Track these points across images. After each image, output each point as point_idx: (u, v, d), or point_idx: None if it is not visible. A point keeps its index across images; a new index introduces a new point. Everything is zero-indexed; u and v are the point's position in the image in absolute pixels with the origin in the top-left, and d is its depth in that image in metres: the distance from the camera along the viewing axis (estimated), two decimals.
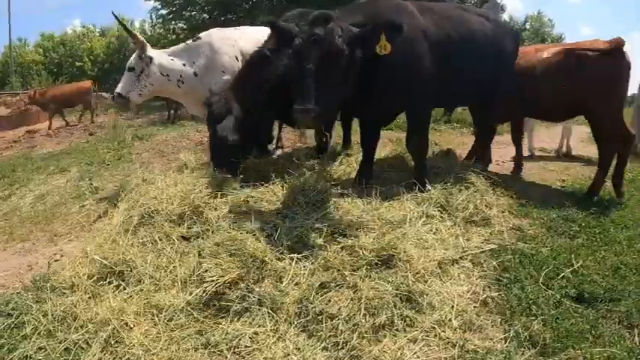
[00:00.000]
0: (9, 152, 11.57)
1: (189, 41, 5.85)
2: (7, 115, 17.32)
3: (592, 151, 6.42)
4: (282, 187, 4.25)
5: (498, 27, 5.37)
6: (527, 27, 42.84)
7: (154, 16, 22.12)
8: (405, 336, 2.78)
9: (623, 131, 5.09)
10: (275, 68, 4.69)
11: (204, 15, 20.73)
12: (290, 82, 3.84)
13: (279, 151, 6.64)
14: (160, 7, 21.06)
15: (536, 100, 5.37)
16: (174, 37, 20.87)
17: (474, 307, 3.08)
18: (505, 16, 32.38)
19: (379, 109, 4.54)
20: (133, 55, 5.51)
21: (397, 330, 2.82)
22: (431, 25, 4.50)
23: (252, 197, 4.12)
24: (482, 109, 5.61)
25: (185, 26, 21.45)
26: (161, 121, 13.52)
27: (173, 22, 21.89)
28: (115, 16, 6.03)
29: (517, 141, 6.15)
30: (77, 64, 42.86)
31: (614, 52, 4.94)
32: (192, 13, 20.94)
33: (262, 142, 5.45)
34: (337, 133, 6.48)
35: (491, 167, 5.93)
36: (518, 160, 6.14)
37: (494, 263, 3.51)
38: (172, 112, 13.67)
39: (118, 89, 5.50)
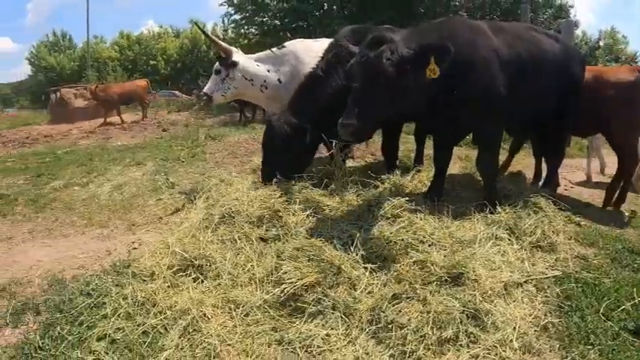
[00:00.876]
0: (85, 142, 12.20)
1: (275, 49, 6.12)
2: (83, 107, 18.33)
3: None
4: (358, 198, 4.41)
5: (567, 49, 5.35)
6: (601, 44, 41.33)
7: (226, 21, 22.82)
8: (468, 352, 2.84)
9: None
10: (329, 86, 4.93)
11: (276, 21, 21.09)
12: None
13: (350, 162, 6.77)
14: (233, 12, 21.69)
15: None
16: (245, 41, 21.36)
17: (535, 330, 3.09)
18: (578, 32, 31.43)
19: (452, 127, 4.60)
20: (220, 60, 5.86)
21: (461, 345, 2.89)
22: (503, 45, 4.53)
23: (329, 206, 4.30)
24: (551, 132, 5.56)
25: (256, 32, 21.96)
26: (232, 122, 13.88)
27: (245, 27, 22.43)
28: (199, 27, 6.39)
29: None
30: (151, 62, 44.85)
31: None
32: (264, 19, 21.31)
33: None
34: (408, 147, 6.56)
35: (559, 191, 5.85)
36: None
37: (558, 290, 3.50)
38: (249, 114, 14.12)
39: (205, 89, 5.93)
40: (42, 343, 3.04)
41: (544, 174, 5.98)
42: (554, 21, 22.45)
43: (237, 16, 21.80)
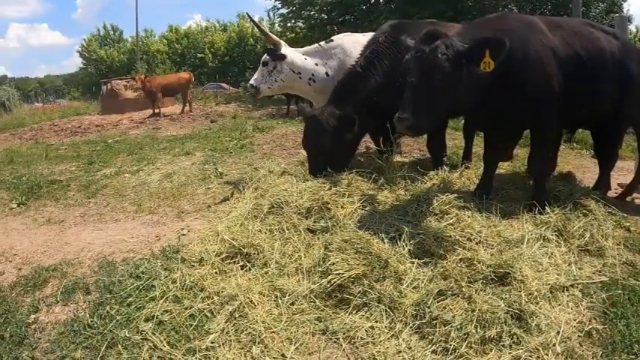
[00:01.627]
0: (135, 131, 12.49)
1: (323, 43, 6.16)
2: (133, 98, 18.87)
3: None
4: (406, 193, 4.44)
5: (625, 46, 5.16)
6: None
7: (271, 14, 23.07)
8: (510, 353, 2.81)
9: None
10: (367, 83, 4.98)
11: (323, 15, 21.20)
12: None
13: (397, 157, 6.76)
14: (279, 6, 21.93)
15: None
16: (292, 35, 21.55)
17: (578, 336, 3.03)
18: (632, 28, 30.08)
19: (505, 125, 4.56)
20: (268, 51, 5.90)
21: (503, 346, 2.85)
22: (559, 42, 4.44)
23: (378, 200, 4.32)
24: (606, 133, 5.41)
25: (303, 25, 22.11)
26: (279, 115, 14.02)
27: (292, 21, 22.59)
28: (250, 18, 6.48)
29: None
30: (199, 55, 45.70)
31: None
32: (311, 12, 21.46)
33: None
34: (456, 144, 6.51)
35: (610, 195, 5.68)
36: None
37: (604, 296, 3.39)
38: (295, 106, 14.22)
39: (252, 81, 5.95)
40: (91, 321, 3.18)
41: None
42: (606, 15, 21.58)
43: (284, 10, 22.07)
